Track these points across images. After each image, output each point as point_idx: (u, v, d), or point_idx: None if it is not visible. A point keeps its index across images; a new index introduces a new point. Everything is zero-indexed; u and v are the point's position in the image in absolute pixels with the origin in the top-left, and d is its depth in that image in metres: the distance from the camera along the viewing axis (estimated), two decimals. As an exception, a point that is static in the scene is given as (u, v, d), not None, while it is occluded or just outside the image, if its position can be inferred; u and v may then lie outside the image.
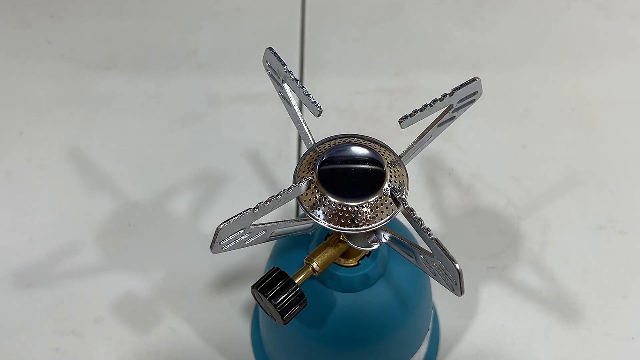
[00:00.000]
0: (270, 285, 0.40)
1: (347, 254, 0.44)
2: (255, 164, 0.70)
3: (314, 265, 0.42)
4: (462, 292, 0.37)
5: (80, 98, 0.75)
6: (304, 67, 0.77)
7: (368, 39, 0.80)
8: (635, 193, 0.68)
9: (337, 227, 0.38)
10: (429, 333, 0.53)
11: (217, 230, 0.36)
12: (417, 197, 0.67)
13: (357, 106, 0.74)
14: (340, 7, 0.83)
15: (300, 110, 0.43)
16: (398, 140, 0.46)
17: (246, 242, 0.40)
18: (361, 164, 0.39)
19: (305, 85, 0.48)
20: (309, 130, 0.43)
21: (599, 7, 0.81)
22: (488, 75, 0.72)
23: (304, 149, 0.71)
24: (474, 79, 0.41)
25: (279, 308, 0.40)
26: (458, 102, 0.41)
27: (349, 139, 0.41)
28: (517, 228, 0.66)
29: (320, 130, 0.44)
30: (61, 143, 0.72)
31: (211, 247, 0.38)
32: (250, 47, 0.79)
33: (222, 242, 0.38)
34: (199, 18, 0.82)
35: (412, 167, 0.42)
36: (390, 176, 0.39)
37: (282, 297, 0.40)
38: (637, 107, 0.74)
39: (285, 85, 0.43)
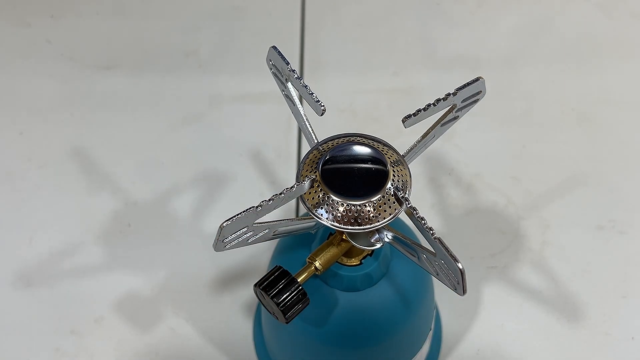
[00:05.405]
0: (273, 283, 0.40)
1: (349, 253, 0.44)
2: (256, 163, 0.70)
3: (317, 264, 0.42)
4: (464, 292, 0.37)
5: (80, 98, 0.75)
6: (304, 67, 0.77)
7: (368, 39, 0.80)
8: (635, 193, 0.68)
9: (340, 226, 0.38)
10: (431, 333, 0.53)
11: (221, 227, 0.36)
12: (417, 197, 0.67)
13: (357, 106, 0.74)
14: (340, 7, 0.83)
15: (303, 109, 0.43)
16: (397, 140, 0.46)
17: (249, 241, 0.40)
18: (364, 163, 0.39)
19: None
20: (312, 129, 0.43)
21: (599, 7, 0.81)
22: (488, 75, 0.72)
23: (305, 149, 0.71)
24: (477, 79, 0.41)
25: (282, 306, 0.40)
26: (461, 102, 0.41)
27: (352, 138, 0.41)
28: (517, 228, 0.66)
29: (320, 129, 0.44)
30: (61, 143, 0.71)
31: (214, 245, 0.38)
32: (250, 47, 0.79)
33: (225, 240, 0.38)
34: (199, 18, 0.82)
35: (412, 166, 0.42)
36: (393, 175, 0.39)
37: (284, 296, 0.40)
38: (637, 107, 0.74)
39: (289, 84, 0.43)
